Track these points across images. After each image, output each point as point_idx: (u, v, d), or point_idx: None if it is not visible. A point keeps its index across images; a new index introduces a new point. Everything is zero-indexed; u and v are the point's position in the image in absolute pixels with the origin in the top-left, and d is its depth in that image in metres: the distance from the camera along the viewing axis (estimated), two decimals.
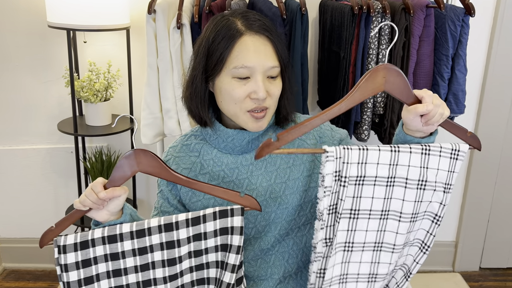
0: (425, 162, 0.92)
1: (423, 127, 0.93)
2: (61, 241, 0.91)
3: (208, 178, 1.06)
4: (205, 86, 1.03)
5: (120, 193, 0.92)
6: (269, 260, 1.09)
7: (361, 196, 0.93)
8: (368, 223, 0.95)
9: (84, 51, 1.96)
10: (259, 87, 0.96)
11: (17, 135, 2.09)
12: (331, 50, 1.64)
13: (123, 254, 0.92)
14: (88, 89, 1.81)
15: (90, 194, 0.91)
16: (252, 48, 0.97)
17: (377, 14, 1.46)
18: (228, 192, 0.97)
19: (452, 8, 1.47)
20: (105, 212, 0.94)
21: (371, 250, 0.98)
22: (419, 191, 0.94)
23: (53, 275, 2.22)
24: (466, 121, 2.08)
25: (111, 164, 1.93)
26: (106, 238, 0.92)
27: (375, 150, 0.91)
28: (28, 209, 2.20)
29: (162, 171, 0.94)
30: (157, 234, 0.92)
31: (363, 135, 1.56)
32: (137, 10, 1.88)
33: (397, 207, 0.94)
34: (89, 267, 0.92)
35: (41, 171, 2.14)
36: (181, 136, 1.14)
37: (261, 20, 1.01)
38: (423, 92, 0.91)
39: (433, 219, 0.97)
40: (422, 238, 1.00)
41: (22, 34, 1.94)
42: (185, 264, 0.95)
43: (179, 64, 1.53)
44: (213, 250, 0.96)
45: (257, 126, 1.01)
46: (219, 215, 0.94)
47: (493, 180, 2.18)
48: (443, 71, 1.51)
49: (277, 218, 1.07)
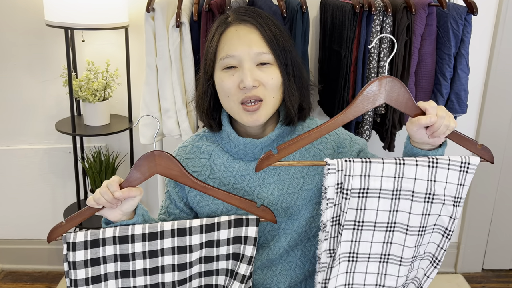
0: (433, 175, 0.91)
1: (429, 139, 0.91)
2: (70, 238, 0.90)
3: (218, 183, 1.04)
4: (208, 86, 1.02)
5: (136, 193, 0.91)
6: (275, 269, 1.08)
7: (365, 209, 0.93)
8: (373, 235, 0.95)
9: (82, 50, 1.96)
10: (245, 75, 0.94)
11: (14, 135, 2.09)
12: (332, 49, 1.64)
13: (133, 255, 0.92)
14: (87, 88, 1.81)
15: (105, 193, 0.89)
16: (236, 37, 0.96)
17: (379, 12, 1.45)
18: (244, 201, 0.95)
19: (455, 7, 1.46)
20: (118, 212, 0.92)
21: (377, 261, 0.97)
22: (427, 204, 0.93)
23: (51, 276, 2.22)
24: (468, 121, 2.08)
25: (109, 164, 1.93)
26: (118, 238, 0.91)
27: (378, 163, 0.90)
28: (25, 210, 2.20)
29: (180, 175, 0.93)
30: (169, 238, 0.91)
31: (365, 135, 1.56)
32: (135, 9, 1.88)
33: (403, 220, 0.93)
34: (98, 266, 0.91)
35: (39, 172, 2.14)
36: (193, 135, 1.12)
37: (250, 9, 0.99)
38: (427, 103, 0.89)
39: (444, 233, 0.96)
40: (433, 252, 0.98)
41: (19, 33, 1.94)
42: (195, 269, 0.95)
43: (178, 63, 1.52)
44: (224, 258, 0.95)
45: (252, 119, 0.97)
46: (234, 224, 0.93)
47: (496, 180, 2.18)
48: (445, 70, 1.51)
49: (287, 228, 1.05)
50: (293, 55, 1.00)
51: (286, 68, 0.99)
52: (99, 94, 1.84)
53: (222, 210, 1.04)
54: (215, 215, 1.03)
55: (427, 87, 1.56)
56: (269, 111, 1.00)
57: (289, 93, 1.00)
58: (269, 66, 0.97)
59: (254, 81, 0.95)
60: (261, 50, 0.95)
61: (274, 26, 0.99)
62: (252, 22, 0.97)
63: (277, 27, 0.99)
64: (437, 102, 1.55)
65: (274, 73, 0.97)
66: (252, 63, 0.95)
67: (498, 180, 2.18)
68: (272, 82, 0.97)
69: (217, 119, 1.06)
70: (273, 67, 0.97)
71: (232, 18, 0.99)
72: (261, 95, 0.96)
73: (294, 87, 1.00)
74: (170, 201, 1.09)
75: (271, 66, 0.97)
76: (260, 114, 0.98)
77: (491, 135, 2.10)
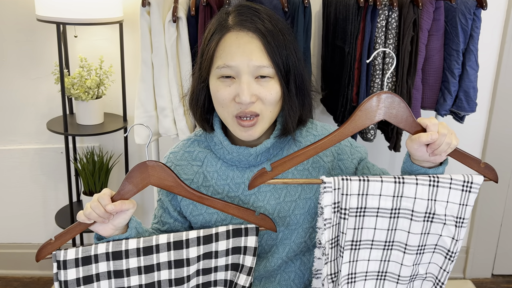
0: (433, 194, 0.91)
1: (430, 157, 0.91)
2: (61, 256, 0.89)
3: (211, 191, 1.03)
4: (202, 87, 0.99)
5: (129, 207, 0.89)
6: (274, 280, 1.07)
7: (362, 227, 0.93)
8: (370, 253, 0.95)
9: (74, 46, 1.96)
10: (242, 90, 0.90)
11: (4, 134, 2.09)
12: (335, 45, 1.64)
13: (127, 272, 0.90)
14: (79, 86, 1.81)
15: (96, 207, 0.87)
16: (235, 45, 0.92)
17: (384, 7, 1.45)
18: (243, 210, 0.94)
19: (463, 1, 1.47)
20: (110, 227, 0.90)
21: (374, 279, 0.98)
22: (426, 223, 0.92)
23: (42, 282, 2.22)
24: (477, 120, 2.08)
25: (103, 165, 1.93)
26: (111, 254, 0.89)
27: (377, 181, 0.90)
28: (15, 213, 2.20)
29: (175, 186, 0.92)
30: (165, 252, 0.90)
31: (369, 135, 1.56)
32: (130, 3, 1.88)
33: (402, 239, 0.93)
34: (91, 284, 0.90)
35: (29, 173, 2.14)
36: (183, 140, 1.10)
37: (253, 12, 0.94)
38: (427, 120, 0.88)
39: (446, 255, 0.95)
40: (436, 274, 0.98)
41: (9, 28, 1.94)
42: (192, 282, 0.94)
43: (175, 59, 1.52)
44: (223, 269, 0.95)
45: (246, 135, 0.95)
46: (232, 234, 0.93)
47: (506, 183, 2.18)
48: (453, 67, 1.51)
49: (285, 239, 1.04)
50: (296, 66, 0.97)
51: (287, 82, 0.95)
52: (92, 92, 1.84)
53: (216, 220, 1.03)
54: (209, 225, 1.03)
55: (434, 85, 1.56)
56: (265, 126, 0.97)
57: (289, 107, 0.97)
58: (268, 79, 0.93)
59: (252, 97, 0.92)
60: (262, 63, 0.91)
61: (278, 34, 0.94)
62: (255, 29, 0.92)
63: (281, 33, 0.94)
64: (445, 100, 1.55)
65: (273, 88, 0.93)
66: (251, 76, 0.92)
67: (509, 182, 2.18)
68: (271, 97, 0.93)
69: (210, 121, 1.04)
70: (273, 80, 0.93)
71: (233, 21, 0.94)
72: (258, 111, 0.94)
73: (294, 100, 0.97)
74: (163, 210, 1.07)
75: (271, 80, 0.93)
76: (256, 130, 0.96)
77: (502, 134, 2.10)
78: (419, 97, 1.55)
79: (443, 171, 0.95)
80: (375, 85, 1.51)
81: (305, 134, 1.07)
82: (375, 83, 1.51)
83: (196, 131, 1.10)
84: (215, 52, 0.94)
